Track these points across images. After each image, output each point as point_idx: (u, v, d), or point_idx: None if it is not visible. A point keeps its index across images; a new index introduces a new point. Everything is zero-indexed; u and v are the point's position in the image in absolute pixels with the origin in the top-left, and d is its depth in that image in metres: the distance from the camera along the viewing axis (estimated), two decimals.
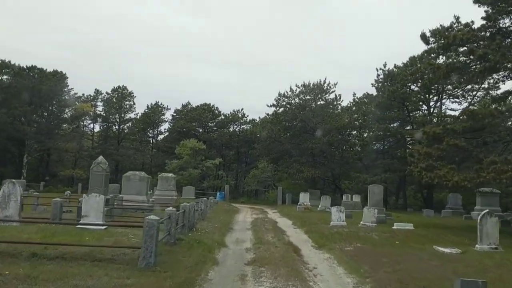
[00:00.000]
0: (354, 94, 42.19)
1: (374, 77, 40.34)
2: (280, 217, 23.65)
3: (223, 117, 59.33)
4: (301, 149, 40.72)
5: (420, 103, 37.46)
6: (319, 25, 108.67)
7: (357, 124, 39.86)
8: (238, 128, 59.33)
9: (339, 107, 43.24)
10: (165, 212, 10.38)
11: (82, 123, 60.16)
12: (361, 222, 17.00)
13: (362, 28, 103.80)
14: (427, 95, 37.15)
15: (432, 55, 19.50)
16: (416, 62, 37.91)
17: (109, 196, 16.78)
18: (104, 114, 57.96)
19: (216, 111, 59.59)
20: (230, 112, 58.64)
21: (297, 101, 41.38)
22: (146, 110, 62.75)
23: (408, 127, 37.73)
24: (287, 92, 40.85)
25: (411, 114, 37.19)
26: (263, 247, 11.71)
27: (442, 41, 18.41)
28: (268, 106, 40.78)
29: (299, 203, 26.55)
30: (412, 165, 19.39)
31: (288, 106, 40.79)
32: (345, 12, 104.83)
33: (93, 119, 59.58)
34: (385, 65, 39.47)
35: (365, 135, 41.04)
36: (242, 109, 58.50)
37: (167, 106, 63.65)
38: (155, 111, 62.96)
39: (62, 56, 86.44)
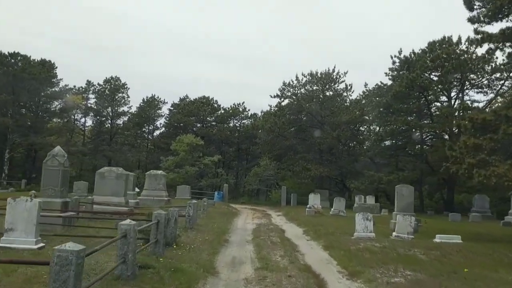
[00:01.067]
0: (366, 84, 38.39)
1: (387, 67, 36.67)
2: (287, 223, 19.92)
3: (222, 111, 55.56)
4: (307, 145, 37.00)
5: (441, 92, 33.54)
6: (321, 22, 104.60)
7: (369, 118, 35.93)
8: (239, 123, 55.56)
9: (349, 99, 39.45)
10: (118, 228, 6.64)
11: (73, 116, 56.46)
12: (394, 234, 13.24)
13: (366, 25, 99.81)
14: (447, 85, 33.25)
15: (475, 24, 15.66)
16: (436, 48, 34.20)
17: (70, 198, 13.07)
18: (96, 107, 54.20)
19: (215, 105, 55.85)
20: (230, 106, 54.93)
21: (303, 91, 37.59)
22: (141, 104, 59.09)
23: (427, 121, 33.91)
24: (292, 81, 37.04)
25: (430, 106, 33.29)
26: (271, 277, 7.97)
27: (492, 4, 14.63)
28: (271, 96, 37.01)
29: (308, 206, 22.76)
30: (451, 161, 15.66)
31: (293, 97, 36.96)
32: (347, 10, 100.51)
33: (84, 113, 55.85)
34: (400, 52, 35.76)
35: (377, 129, 37.18)
36: (243, 102, 54.81)
37: (164, 100, 60.03)
38: (151, 104, 59.25)
39: (56, 48, 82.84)
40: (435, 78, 33.37)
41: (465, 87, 34.16)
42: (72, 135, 55.44)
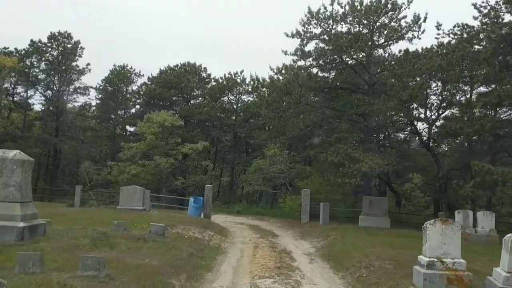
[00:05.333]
0: (439, 25, 22.66)
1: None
2: None
3: (214, 83, 40.16)
4: (348, 118, 21.65)
5: None
6: None
7: (460, 68, 20.05)
8: (236, 99, 40.02)
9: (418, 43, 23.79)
10: None
11: (12, 89, 41.10)
12: None
13: None
14: None
15: None
16: None
17: None
18: (34, 74, 38.76)
19: (204, 74, 40.46)
20: (224, 75, 39.36)
21: (338, 30, 22.04)
22: (109, 76, 43.90)
23: None
24: (324, 8, 21.39)
25: None
26: None
27: None
28: (287, 36, 21.31)
29: (430, 260, 7.21)
30: None
31: (324, 34, 21.34)
32: None
33: (26, 84, 40.55)
34: None
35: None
36: (242, 71, 39.14)
37: (140, 72, 44.83)
38: (121, 76, 44.01)
39: None
40: None
41: None
42: (9, 114, 40.37)
